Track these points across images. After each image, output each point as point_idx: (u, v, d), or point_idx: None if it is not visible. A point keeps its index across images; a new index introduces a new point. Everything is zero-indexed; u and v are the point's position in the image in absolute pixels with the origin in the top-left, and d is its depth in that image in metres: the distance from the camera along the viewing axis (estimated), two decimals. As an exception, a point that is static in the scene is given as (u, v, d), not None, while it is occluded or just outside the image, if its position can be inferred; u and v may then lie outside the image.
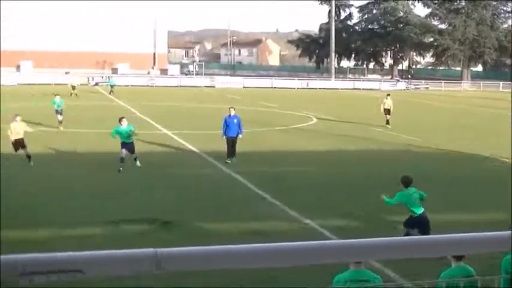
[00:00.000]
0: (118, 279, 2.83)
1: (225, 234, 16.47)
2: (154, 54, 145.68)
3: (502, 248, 2.82)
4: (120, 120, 26.34)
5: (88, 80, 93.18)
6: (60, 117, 39.51)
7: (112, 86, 74.10)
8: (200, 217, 18.38)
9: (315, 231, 17.07)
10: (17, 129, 26.30)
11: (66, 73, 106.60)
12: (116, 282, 3.93)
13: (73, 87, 68.29)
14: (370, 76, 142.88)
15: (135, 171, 25.33)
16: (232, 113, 28.25)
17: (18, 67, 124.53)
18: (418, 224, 15.08)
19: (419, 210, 15.30)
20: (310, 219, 18.24)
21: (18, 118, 27.05)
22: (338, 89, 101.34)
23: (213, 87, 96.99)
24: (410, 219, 15.40)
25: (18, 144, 26.09)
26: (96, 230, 16.81)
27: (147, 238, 15.71)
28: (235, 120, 27.96)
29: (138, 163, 26.15)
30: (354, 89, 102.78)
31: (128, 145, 25.85)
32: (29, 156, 25.80)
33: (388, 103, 44.31)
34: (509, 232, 2.73)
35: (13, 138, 26.10)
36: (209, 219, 18.05)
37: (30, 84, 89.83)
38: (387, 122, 43.47)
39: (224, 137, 27.90)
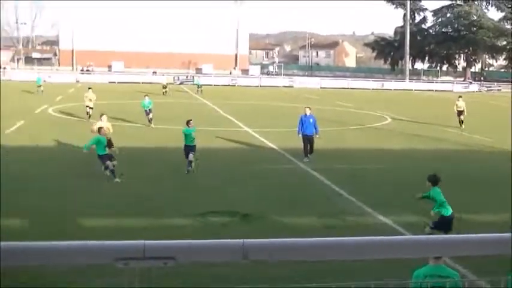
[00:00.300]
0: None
1: (302, 228, 16.50)
2: (236, 55, 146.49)
3: (502, 251, 2.74)
4: (187, 122, 25.17)
5: (174, 79, 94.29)
6: (150, 116, 39.57)
7: (199, 86, 75.05)
8: (278, 211, 18.43)
9: (388, 227, 16.95)
10: (103, 129, 25.27)
11: (154, 73, 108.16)
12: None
13: (164, 86, 69.50)
14: (443, 78, 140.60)
15: (219, 168, 25.51)
16: (308, 112, 28.18)
17: (109, 67, 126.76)
18: (448, 225, 14.40)
19: (449, 210, 14.66)
20: (383, 216, 18.12)
21: (104, 117, 26.91)
22: (412, 90, 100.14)
23: (292, 87, 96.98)
24: (442, 219, 14.60)
25: (107, 144, 25.05)
26: (186, 221, 17.08)
27: (229, 229, 15.87)
28: (310, 120, 27.87)
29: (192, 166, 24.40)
30: (428, 90, 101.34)
31: (191, 148, 24.42)
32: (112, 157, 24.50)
33: (460, 105, 43.51)
34: (510, 234, 2.67)
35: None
36: (287, 213, 18.09)
37: (120, 82, 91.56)
38: (460, 123, 42.71)
39: (300, 135, 27.93)
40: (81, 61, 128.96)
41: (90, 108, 41.53)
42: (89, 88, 44.02)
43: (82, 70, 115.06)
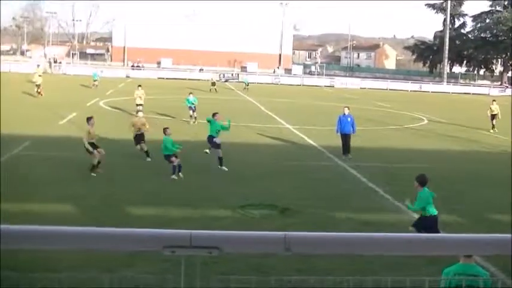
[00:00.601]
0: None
1: (339, 223, 16.46)
2: (280, 55, 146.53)
3: (502, 252, 2.71)
4: (214, 115, 25.02)
5: (219, 77, 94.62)
6: (193, 113, 38.24)
7: (247, 84, 75.16)
8: (316, 205, 18.40)
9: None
10: (138, 125, 25.53)
11: (201, 70, 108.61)
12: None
13: (213, 83, 69.73)
14: (480, 82, 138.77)
15: (260, 163, 25.56)
16: (346, 112, 28.05)
17: (158, 63, 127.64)
18: (432, 225, 13.67)
19: (435, 211, 14.00)
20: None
21: (140, 114, 27.07)
22: (449, 92, 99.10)
23: (333, 87, 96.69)
24: (425, 219, 13.97)
25: (139, 139, 25.17)
26: (227, 213, 17.16)
27: (269, 222, 15.89)
28: (348, 119, 27.76)
29: (207, 150, 24.95)
30: (464, 93, 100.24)
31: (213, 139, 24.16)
32: (147, 152, 24.56)
33: (494, 108, 42.88)
34: (510, 236, 2.63)
35: (134, 133, 25.33)
36: (324, 208, 18.05)
37: (168, 78, 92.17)
38: (492, 127, 42.12)
39: (338, 134, 27.84)
40: (132, 57, 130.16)
41: (140, 105, 38.91)
42: (139, 86, 42.47)
43: (133, 66, 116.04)
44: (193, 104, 38.68)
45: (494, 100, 44.77)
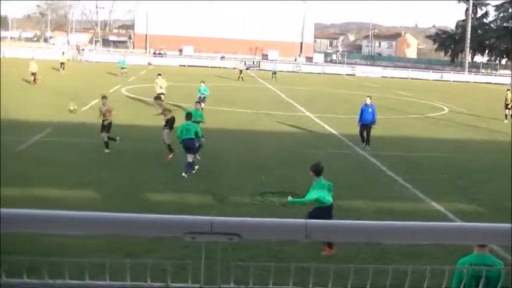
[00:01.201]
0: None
1: (358, 211, 16.43)
2: (301, 43, 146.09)
3: (501, 242, 2.69)
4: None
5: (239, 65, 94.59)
6: (201, 105, 35.54)
7: (274, 72, 74.53)
8: (335, 194, 18.34)
9: (439, 213, 16.78)
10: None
11: (222, 58, 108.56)
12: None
13: (240, 71, 69.55)
14: (501, 71, 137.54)
15: (280, 150, 25.55)
16: (368, 101, 27.81)
17: (180, 51, 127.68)
18: (327, 215, 12.82)
19: (331, 199, 13.44)
20: (436, 202, 17.94)
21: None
22: (470, 82, 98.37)
23: (354, 75, 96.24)
24: (319, 209, 13.20)
25: (171, 122, 23.34)
26: (246, 199, 17.23)
27: (288, 210, 15.88)
28: (370, 109, 27.56)
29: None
30: (486, 83, 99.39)
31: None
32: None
33: (509, 98, 42.17)
34: (510, 225, 2.60)
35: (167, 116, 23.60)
36: (344, 196, 17.97)
37: (190, 66, 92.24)
38: (506, 116, 41.60)
39: (359, 123, 27.72)
40: (153, 45, 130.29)
41: (162, 94, 36.25)
42: (158, 74, 40.23)
43: (155, 53, 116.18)
44: (203, 94, 36.85)
45: (508, 90, 43.91)
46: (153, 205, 15.78)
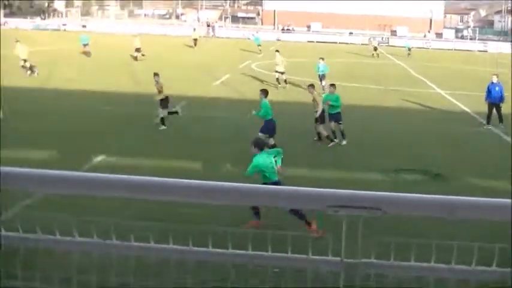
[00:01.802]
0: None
1: (494, 190, 15.72)
2: (430, 19, 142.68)
3: (501, 216, 2.59)
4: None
5: (368, 41, 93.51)
6: (321, 82, 34.34)
7: (409, 49, 73.07)
8: (468, 172, 17.93)
9: None
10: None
11: (350, 34, 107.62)
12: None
13: (375, 48, 68.59)
14: None
15: (411, 128, 25.14)
16: (495, 80, 26.70)
17: (308, 27, 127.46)
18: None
19: (275, 177, 12.50)
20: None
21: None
22: None
23: (486, 51, 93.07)
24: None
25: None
26: (380, 176, 17.12)
27: (421, 187, 15.58)
28: (496, 88, 26.54)
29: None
30: None
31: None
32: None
33: None
34: (510, 200, 2.52)
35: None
36: (477, 175, 17.53)
37: (318, 42, 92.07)
38: None
39: (486, 102, 26.70)
40: (281, 21, 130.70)
41: (280, 72, 35.47)
42: (276, 51, 37.06)
43: (283, 29, 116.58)
44: (323, 71, 35.16)
45: None
46: (289, 179, 15.90)
